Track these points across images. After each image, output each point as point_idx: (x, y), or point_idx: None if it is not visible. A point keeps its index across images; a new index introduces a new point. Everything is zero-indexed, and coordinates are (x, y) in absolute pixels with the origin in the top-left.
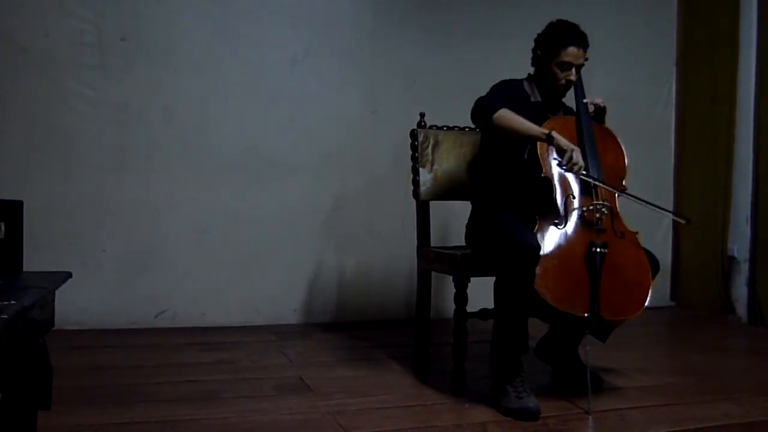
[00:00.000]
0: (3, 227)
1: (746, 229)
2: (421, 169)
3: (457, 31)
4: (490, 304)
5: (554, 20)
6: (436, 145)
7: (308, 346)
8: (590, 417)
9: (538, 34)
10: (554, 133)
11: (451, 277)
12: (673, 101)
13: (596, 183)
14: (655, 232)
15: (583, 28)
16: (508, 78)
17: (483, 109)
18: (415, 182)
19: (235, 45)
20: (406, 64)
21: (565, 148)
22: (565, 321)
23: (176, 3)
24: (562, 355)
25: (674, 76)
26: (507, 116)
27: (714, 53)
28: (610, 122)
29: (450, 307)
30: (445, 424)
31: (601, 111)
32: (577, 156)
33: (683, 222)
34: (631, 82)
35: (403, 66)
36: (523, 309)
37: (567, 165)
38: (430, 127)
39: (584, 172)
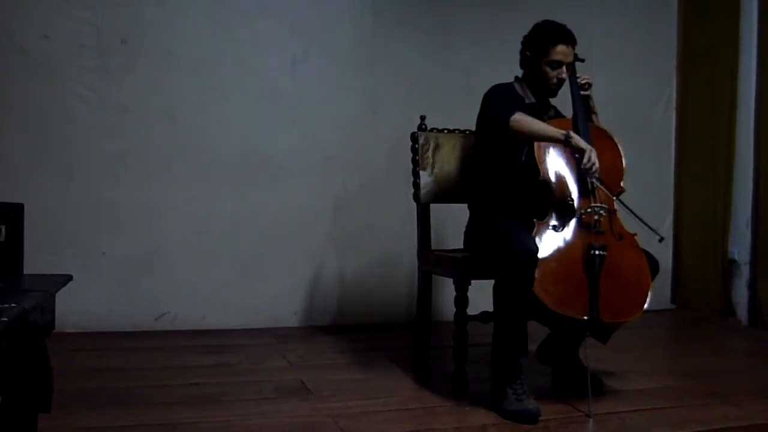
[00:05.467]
0: (3, 230)
1: (746, 232)
2: (421, 172)
3: (457, 33)
4: (491, 307)
5: (540, 21)
6: (436, 147)
7: (308, 349)
8: (591, 420)
9: (525, 36)
10: (572, 133)
11: (451, 280)
12: (674, 105)
13: (602, 187)
14: (655, 234)
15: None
16: (498, 83)
17: (497, 115)
18: (416, 185)
19: (235, 47)
20: (406, 66)
21: (583, 148)
22: (565, 324)
23: (177, 5)
24: (562, 358)
25: (674, 79)
26: (523, 119)
27: (714, 57)
28: (610, 125)
29: (450, 309)
30: (446, 426)
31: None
32: (594, 156)
33: (658, 238)
34: (631, 86)
35: (403, 68)
36: (522, 312)
37: (586, 165)
38: (431, 129)
39: (597, 175)
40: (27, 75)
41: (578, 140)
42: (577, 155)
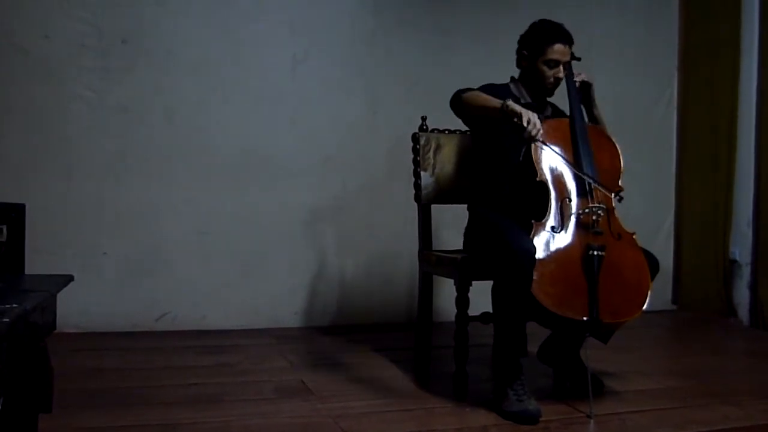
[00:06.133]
0: (5, 230)
1: (748, 232)
2: (422, 173)
3: (457, 33)
4: (491, 308)
5: (537, 20)
6: (437, 148)
7: (309, 349)
8: (592, 421)
9: (522, 35)
10: (508, 101)
11: (451, 281)
12: (675, 104)
13: (599, 187)
14: (656, 235)
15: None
16: (496, 82)
17: (456, 94)
18: (417, 186)
19: (236, 47)
20: (407, 66)
21: (519, 112)
22: (565, 325)
23: (177, 5)
24: (564, 358)
25: (675, 79)
26: (473, 93)
27: (715, 56)
28: (610, 125)
29: (451, 310)
30: (446, 427)
31: (586, 86)
32: (536, 119)
33: (610, 195)
34: (633, 86)
35: (403, 68)
36: (521, 312)
37: (530, 131)
38: (432, 130)
39: (541, 140)
40: (27, 75)
41: (513, 106)
42: (516, 120)
